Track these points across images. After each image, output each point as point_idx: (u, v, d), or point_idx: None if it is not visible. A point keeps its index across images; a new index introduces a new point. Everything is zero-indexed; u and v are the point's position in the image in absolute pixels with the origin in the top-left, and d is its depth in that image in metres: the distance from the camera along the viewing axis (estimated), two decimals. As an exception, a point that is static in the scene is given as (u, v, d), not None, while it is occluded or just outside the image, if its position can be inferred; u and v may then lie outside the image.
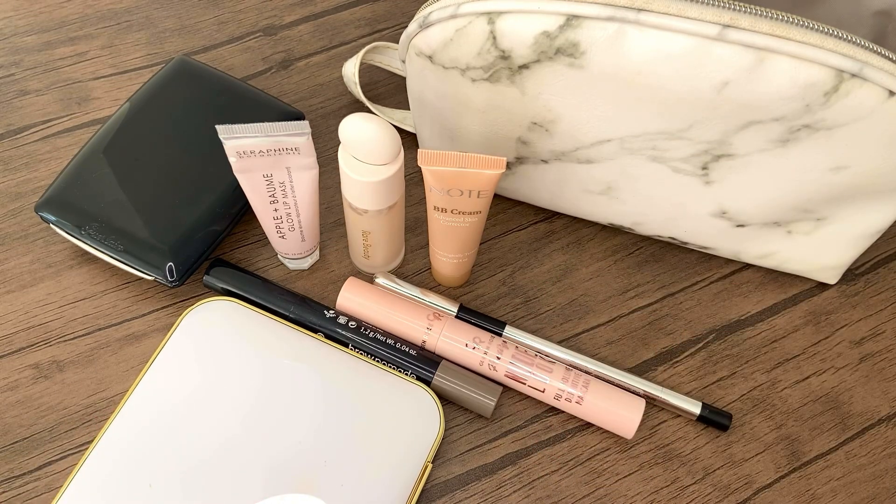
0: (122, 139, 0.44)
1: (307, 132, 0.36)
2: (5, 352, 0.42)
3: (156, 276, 0.41)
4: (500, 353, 0.41)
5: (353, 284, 0.43)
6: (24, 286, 0.44)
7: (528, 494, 0.39)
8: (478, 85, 0.38)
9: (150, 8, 0.54)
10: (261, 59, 0.52)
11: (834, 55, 0.33)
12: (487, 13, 0.35)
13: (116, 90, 0.51)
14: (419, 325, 0.41)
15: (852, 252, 0.43)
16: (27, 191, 0.47)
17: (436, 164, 0.36)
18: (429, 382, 0.40)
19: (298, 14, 0.55)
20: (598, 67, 0.35)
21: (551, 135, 0.40)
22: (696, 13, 0.33)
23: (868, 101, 0.34)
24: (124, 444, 0.37)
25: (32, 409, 0.40)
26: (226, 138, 0.36)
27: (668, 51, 0.34)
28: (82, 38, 0.53)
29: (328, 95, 0.51)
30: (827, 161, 0.37)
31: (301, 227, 0.41)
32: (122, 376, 0.41)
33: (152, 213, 0.42)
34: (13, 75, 0.51)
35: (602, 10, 0.34)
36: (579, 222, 0.47)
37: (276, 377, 0.39)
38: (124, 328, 0.43)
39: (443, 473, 0.40)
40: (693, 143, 0.38)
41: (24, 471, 0.39)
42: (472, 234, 0.40)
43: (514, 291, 0.45)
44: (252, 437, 0.38)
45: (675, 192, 0.41)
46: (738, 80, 0.34)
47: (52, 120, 0.49)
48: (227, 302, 0.42)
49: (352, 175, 0.37)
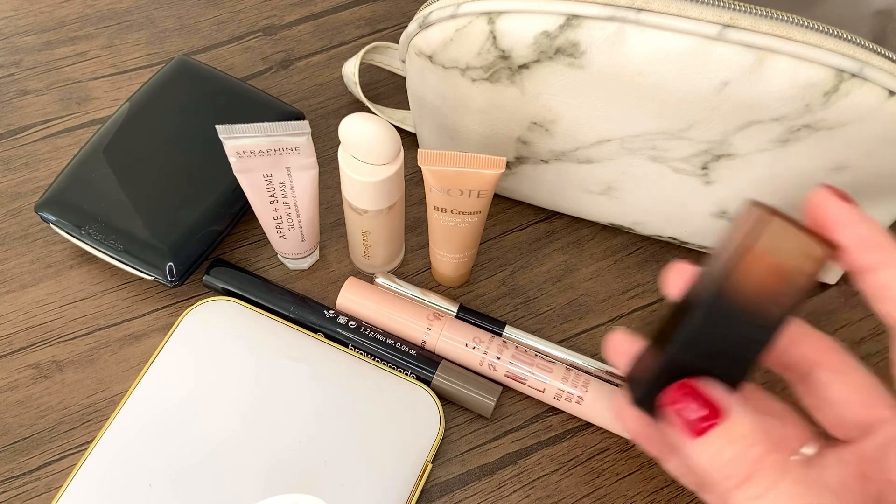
0: (122, 139, 0.44)
1: (307, 132, 0.36)
2: (5, 352, 0.42)
3: (156, 276, 0.41)
4: (500, 353, 0.41)
5: (353, 284, 0.43)
6: (24, 286, 0.44)
7: (528, 494, 0.39)
8: (478, 85, 0.38)
9: (150, 8, 0.54)
10: (261, 58, 0.52)
11: (834, 55, 0.33)
12: (487, 13, 0.35)
13: (116, 90, 0.51)
14: (419, 325, 0.41)
15: (852, 252, 0.43)
16: (27, 191, 0.47)
17: (436, 164, 0.36)
18: (429, 382, 0.40)
19: (298, 14, 0.55)
20: (598, 67, 0.35)
21: (551, 135, 0.40)
22: (696, 13, 0.33)
23: (868, 100, 0.34)
24: (124, 444, 0.37)
25: (32, 409, 0.40)
26: (226, 138, 0.36)
27: (668, 51, 0.34)
28: (82, 38, 0.53)
29: (328, 95, 0.51)
30: (827, 161, 0.37)
31: (301, 227, 0.41)
32: (122, 376, 0.41)
33: (152, 213, 0.42)
34: (13, 75, 0.51)
35: (602, 10, 0.34)
36: (579, 222, 0.47)
37: (275, 377, 0.39)
38: (124, 328, 0.43)
39: (443, 473, 0.40)
40: (693, 143, 0.38)
41: (24, 471, 0.39)
42: (472, 234, 0.40)
43: (514, 291, 0.45)
44: (252, 437, 0.38)
45: (676, 193, 0.41)
46: (738, 80, 0.34)
47: (52, 120, 0.49)
48: (227, 302, 0.42)
49: (352, 175, 0.37)
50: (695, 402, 0.27)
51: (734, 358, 0.28)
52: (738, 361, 0.28)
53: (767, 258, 0.27)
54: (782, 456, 0.26)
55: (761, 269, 0.27)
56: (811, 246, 0.27)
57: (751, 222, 0.28)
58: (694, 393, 0.27)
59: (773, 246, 0.27)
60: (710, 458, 0.27)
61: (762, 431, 0.26)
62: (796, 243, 0.27)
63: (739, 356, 0.28)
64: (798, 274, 0.27)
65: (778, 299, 0.27)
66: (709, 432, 0.27)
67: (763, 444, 0.26)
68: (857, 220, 0.27)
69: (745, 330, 0.28)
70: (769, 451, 0.26)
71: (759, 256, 0.27)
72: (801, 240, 0.27)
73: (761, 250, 0.27)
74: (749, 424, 0.27)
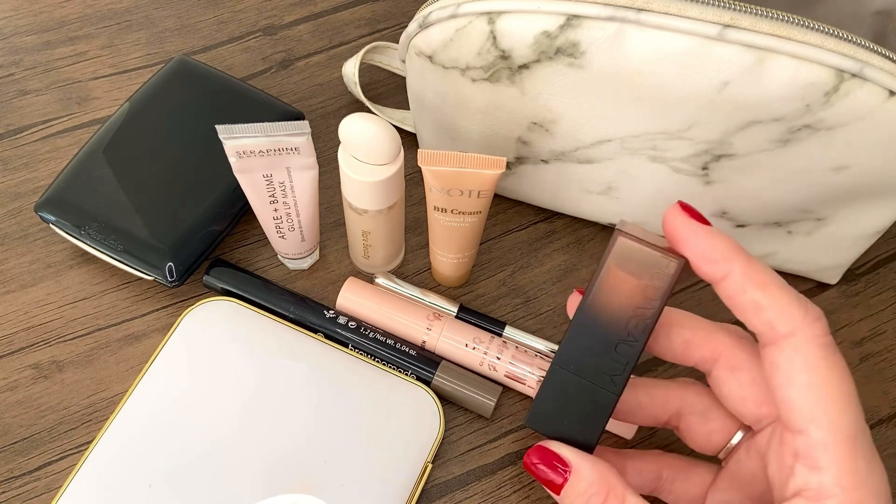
0: (122, 139, 0.44)
1: (307, 132, 0.36)
2: (5, 352, 0.42)
3: (155, 276, 0.41)
4: (500, 353, 0.41)
5: (353, 284, 0.43)
6: (23, 286, 0.44)
7: (528, 495, 0.39)
8: (478, 85, 0.38)
9: (149, 8, 0.54)
10: (261, 58, 0.52)
11: (834, 55, 0.33)
12: (487, 13, 0.35)
13: (116, 90, 0.51)
14: (419, 325, 0.41)
15: (853, 252, 0.43)
16: (27, 191, 0.47)
17: (436, 164, 0.36)
18: (429, 383, 0.40)
19: (298, 14, 0.55)
20: (598, 67, 0.35)
21: (551, 135, 0.40)
22: (696, 13, 0.33)
23: (868, 100, 0.34)
24: (124, 444, 0.37)
25: (32, 409, 0.40)
26: (226, 138, 0.36)
27: (668, 51, 0.34)
28: (82, 38, 0.53)
29: (328, 95, 0.51)
30: (827, 161, 0.37)
31: (301, 227, 0.41)
32: (122, 376, 0.41)
33: (152, 213, 0.42)
34: (13, 75, 0.51)
35: (602, 10, 0.34)
36: (579, 222, 0.47)
37: (275, 377, 0.39)
38: (124, 328, 0.43)
39: (443, 473, 0.40)
40: (693, 143, 0.38)
41: (24, 471, 0.39)
42: (472, 234, 0.40)
43: (514, 291, 0.45)
44: (252, 438, 0.37)
45: (676, 193, 0.41)
46: (738, 80, 0.34)
47: (51, 120, 0.49)
48: (227, 302, 0.42)
49: (352, 175, 0.37)
50: (548, 463, 0.31)
51: (608, 369, 0.31)
52: (613, 372, 0.31)
53: (619, 275, 0.30)
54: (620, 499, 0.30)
55: (615, 285, 0.30)
56: (658, 260, 0.30)
57: (610, 242, 0.30)
58: (546, 453, 0.31)
59: (623, 263, 0.30)
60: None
61: (602, 481, 0.30)
62: (644, 259, 0.30)
63: (613, 367, 0.31)
64: (650, 287, 0.30)
65: (637, 311, 0.30)
66: (562, 489, 0.31)
67: (601, 493, 0.30)
68: (701, 234, 0.29)
69: (613, 341, 0.30)
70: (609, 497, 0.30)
71: (613, 273, 0.30)
72: (648, 255, 0.30)
73: (613, 267, 0.30)
74: (588, 477, 0.31)
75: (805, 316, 0.28)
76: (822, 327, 0.28)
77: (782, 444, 0.29)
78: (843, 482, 0.27)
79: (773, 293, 0.28)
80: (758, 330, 0.29)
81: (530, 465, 0.32)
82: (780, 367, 0.28)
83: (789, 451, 0.28)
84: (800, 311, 0.28)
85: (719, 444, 0.34)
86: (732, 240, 0.29)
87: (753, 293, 0.28)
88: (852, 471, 0.27)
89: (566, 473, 0.31)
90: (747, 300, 0.29)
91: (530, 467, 0.32)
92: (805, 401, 0.28)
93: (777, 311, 0.28)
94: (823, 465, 0.27)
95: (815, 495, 0.27)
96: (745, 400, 0.32)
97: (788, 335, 0.28)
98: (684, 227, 0.30)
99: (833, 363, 0.28)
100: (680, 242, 0.30)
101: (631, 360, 0.30)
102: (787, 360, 0.28)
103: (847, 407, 0.27)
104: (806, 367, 0.28)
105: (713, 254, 0.29)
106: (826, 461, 0.27)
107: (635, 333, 0.30)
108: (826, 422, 0.27)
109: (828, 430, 0.27)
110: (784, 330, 0.28)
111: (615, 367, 0.31)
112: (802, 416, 0.28)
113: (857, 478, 0.27)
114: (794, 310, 0.28)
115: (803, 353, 0.28)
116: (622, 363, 0.31)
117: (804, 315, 0.28)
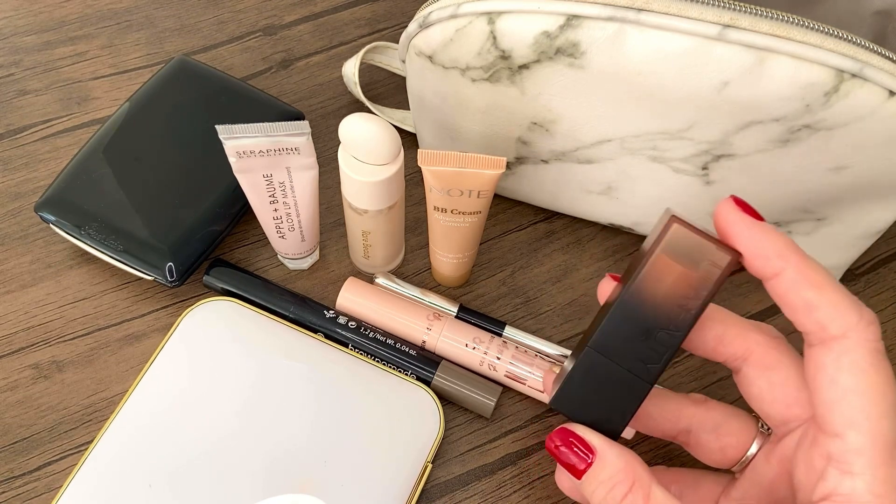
0: (122, 139, 0.44)
1: (307, 132, 0.36)
2: (5, 352, 0.42)
3: (155, 276, 0.41)
4: (500, 353, 0.41)
5: (353, 284, 0.43)
6: (23, 286, 0.44)
7: (528, 494, 0.39)
8: (478, 85, 0.38)
9: (149, 8, 0.54)
10: (261, 58, 0.52)
11: (834, 55, 0.33)
12: (487, 13, 0.35)
13: (116, 90, 0.51)
14: (419, 326, 0.41)
15: (852, 252, 0.43)
16: (27, 191, 0.47)
17: (436, 164, 0.36)
18: (429, 382, 0.40)
19: (298, 14, 0.55)
20: (598, 67, 0.35)
21: (551, 135, 0.40)
22: (696, 13, 0.33)
23: (868, 101, 0.34)
24: (124, 445, 0.37)
25: (32, 409, 0.40)
26: (226, 138, 0.36)
27: (668, 51, 0.34)
28: (82, 38, 0.53)
29: (328, 95, 0.51)
30: (827, 161, 0.37)
31: (301, 227, 0.41)
32: (122, 376, 0.41)
33: (152, 213, 0.42)
34: (13, 75, 0.51)
35: (602, 10, 0.34)
36: (579, 222, 0.47)
37: (275, 377, 0.39)
38: (124, 328, 0.43)
39: (443, 473, 0.40)
40: (693, 143, 0.38)
41: (23, 471, 0.39)
42: (472, 234, 0.40)
43: (514, 291, 0.45)
44: (252, 438, 0.37)
45: (676, 193, 0.41)
46: (738, 80, 0.34)
47: (51, 120, 0.49)
48: (227, 302, 0.42)
49: (352, 175, 0.37)
50: (571, 447, 0.30)
51: (645, 357, 0.30)
52: (650, 361, 0.30)
53: (669, 263, 0.29)
54: (645, 491, 0.29)
55: (664, 273, 0.29)
56: (712, 252, 0.29)
57: (659, 230, 0.30)
58: (571, 436, 0.31)
59: (674, 251, 0.29)
60: (590, 496, 0.30)
61: (628, 469, 0.29)
62: (697, 249, 0.29)
63: (650, 355, 0.30)
64: (700, 278, 0.29)
65: (682, 302, 0.29)
66: (585, 474, 0.30)
67: (626, 482, 0.29)
68: (756, 229, 0.29)
69: (653, 329, 0.30)
70: (634, 487, 0.29)
71: (662, 261, 0.29)
72: (702, 246, 0.29)
73: (664, 255, 0.29)
74: (614, 465, 0.30)
75: (860, 319, 0.27)
76: (875, 332, 0.27)
77: (814, 447, 0.28)
78: (877, 489, 0.26)
79: (827, 294, 0.28)
80: (807, 329, 0.28)
81: (552, 448, 0.31)
82: (826, 369, 0.27)
83: (822, 454, 0.28)
84: (854, 314, 0.27)
85: (734, 458, 0.33)
86: (787, 237, 0.29)
87: (807, 292, 0.28)
88: (887, 478, 0.26)
89: (589, 458, 0.30)
90: (799, 299, 0.28)
91: (552, 450, 0.31)
92: (847, 404, 0.27)
93: (830, 312, 0.27)
94: (857, 471, 0.26)
95: (845, 500, 0.26)
96: (775, 401, 0.31)
97: (840, 337, 0.27)
98: (739, 222, 0.29)
99: (881, 369, 0.27)
100: (734, 237, 0.29)
101: (670, 349, 0.30)
102: (834, 361, 0.27)
103: (889, 414, 0.27)
104: (853, 371, 0.27)
105: (767, 250, 0.28)
106: (860, 466, 0.26)
107: (678, 323, 0.29)
108: (867, 427, 0.26)
109: (867, 435, 0.26)
110: (836, 332, 0.27)
111: (652, 356, 0.30)
112: (843, 419, 0.27)
113: (891, 486, 0.26)
114: (848, 312, 0.27)
115: (852, 356, 0.27)
116: (660, 352, 0.30)
117: (859, 318, 0.27)
